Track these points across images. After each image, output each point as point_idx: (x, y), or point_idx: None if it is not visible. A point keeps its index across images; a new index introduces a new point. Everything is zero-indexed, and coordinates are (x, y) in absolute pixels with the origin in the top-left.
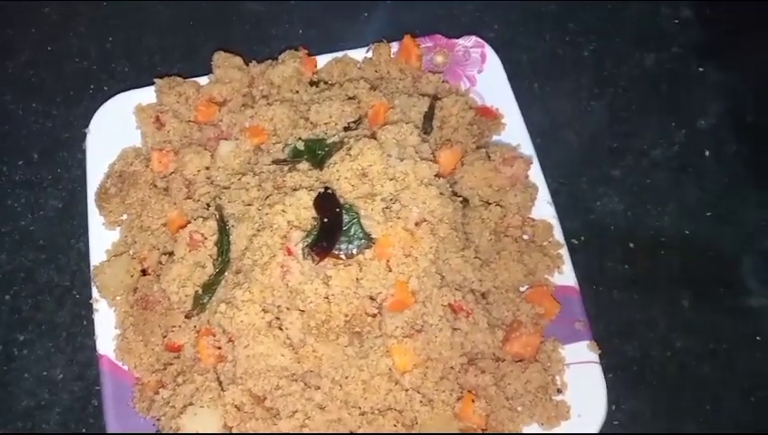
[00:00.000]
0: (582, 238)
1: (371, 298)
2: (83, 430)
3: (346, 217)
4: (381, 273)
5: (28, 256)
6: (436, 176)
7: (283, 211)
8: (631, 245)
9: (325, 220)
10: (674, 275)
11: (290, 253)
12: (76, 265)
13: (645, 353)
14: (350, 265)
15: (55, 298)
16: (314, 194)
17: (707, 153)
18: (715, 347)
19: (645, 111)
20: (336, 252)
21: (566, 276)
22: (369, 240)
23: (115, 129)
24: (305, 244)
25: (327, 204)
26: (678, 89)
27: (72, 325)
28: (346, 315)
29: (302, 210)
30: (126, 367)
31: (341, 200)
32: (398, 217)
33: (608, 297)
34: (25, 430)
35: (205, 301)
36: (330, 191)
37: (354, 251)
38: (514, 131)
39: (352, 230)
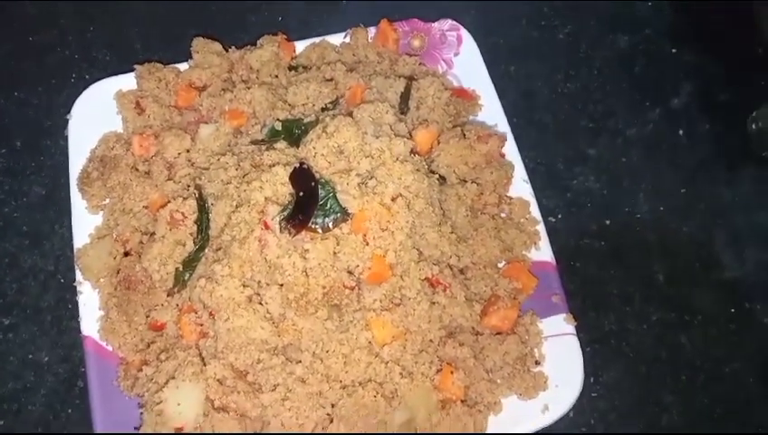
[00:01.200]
0: (559, 216)
1: (349, 272)
2: (69, 411)
3: (322, 192)
4: (358, 246)
5: (12, 241)
6: (411, 153)
7: (261, 187)
8: (607, 221)
9: (301, 194)
10: (649, 250)
11: (267, 227)
12: (60, 250)
13: (622, 327)
14: (326, 238)
15: (40, 283)
16: (290, 169)
17: (680, 132)
18: (690, 319)
19: (619, 92)
20: (312, 226)
21: (543, 252)
22: (345, 214)
23: (96, 115)
24: (282, 217)
25: (302, 178)
26: (651, 70)
27: (56, 309)
28: (324, 287)
29: (278, 186)
30: (110, 347)
31: (317, 176)
32: (375, 193)
33: (585, 273)
34: (12, 411)
35: (186, 277)
36: (305, 166)
37: (330, 224)
38: (491, 112)
39: (328, 204)
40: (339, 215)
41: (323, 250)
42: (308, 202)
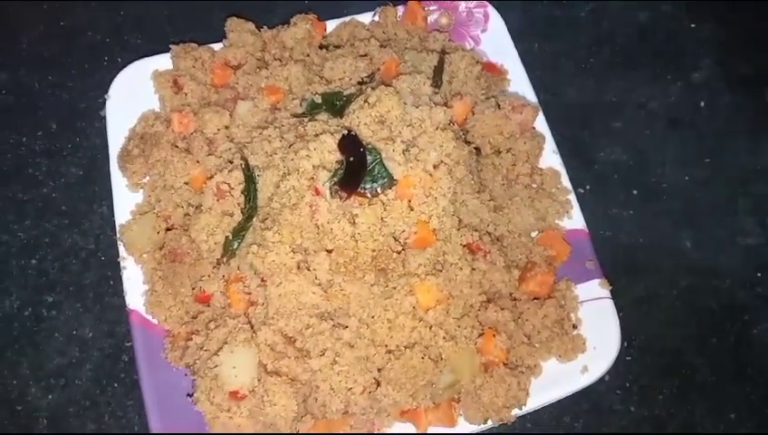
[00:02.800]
0: (587, 187)
1: (394, 238)
2: (114, 385)
3: (369, 158)
4: (404, 212)
5: (52, 221)
6: (450, 122)
7: (308, 155)
8: (634, 191)
9: (351, 159)
10: (676, 218)
11: (318, 193)
12: (99, 228)
13: (652, 293)
14: (374, 203)
15: (81, 260)
16: (338, 137)
17: (702, 104)
18: (718, 284)
19: (641, 67)
20: (361, 190)
21: (575, 220)
22: (391, 179)
23: (133, 94)
24: (332, 182)
25: (351, 144)
26: (671, 45)
27: (98, 286)
28: (373, 251)
29: (326, 154)
30: (156, 320)
31: (364, 143)
32: (417, 160)
33: (614, 242)
34: (59, 386)
35: (234, 246)
36: (353, 133)
37: (378, 189)
38: (519, 87)
39: (376, 170)
40: (386, 180)
41: (372, 215)
42: (358, 167)
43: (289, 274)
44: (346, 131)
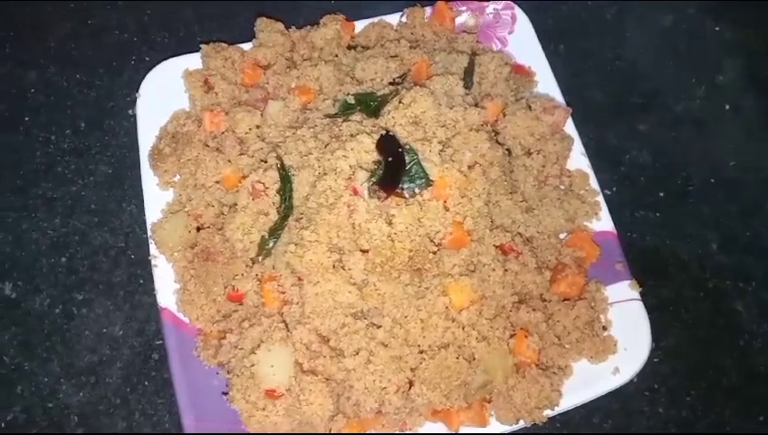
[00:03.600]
0: (614, 189)
1: (430, 239)
2: (145, 383)
3: (407, 157)
4: (440, 212)
5: (81, 219)
6: (483, 123)
7: (345, 156)
8: (661, 193)
9: (390, 159)
10: (703, 220)
11: (356, 192)
12: (129, 227)
13: (679, 295)
14: (411, 204)
15: (111, 259)
16: (375, 137)
17: (727, 107)
18: (745, 286)
19: (666, 69)
20: (400, 190)
21: (603, 222)
22: (428, 180)
23: (163, 93)
24: (370, 183)
25: (390, 144)
26: (696, 47)
27: (128, 284)
28: (410, 251)
29: (363, 154)
30: (187, 319)
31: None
32: (453, 160)
33: (641, 243)
34: (90, 383)
35: (270, 245)
36: (391, 133)
37: (416, 190)
38: (546, 89)
39: (413, 170)
40: (423, 181)
41: (409, 215)
42: (397, 166)
43: (326, 273)
44: (384, 132)
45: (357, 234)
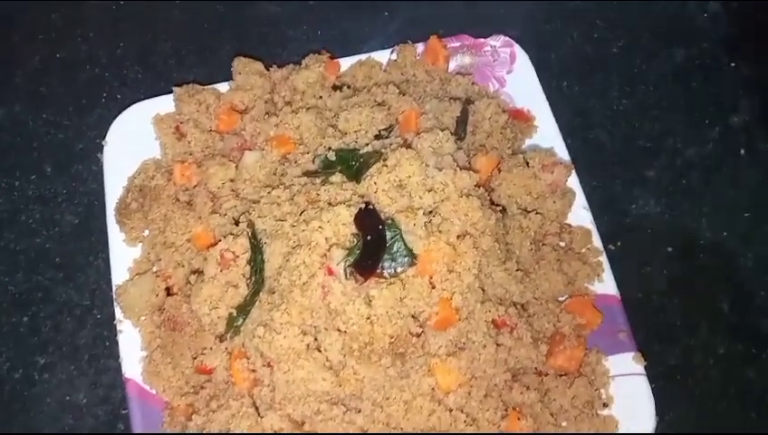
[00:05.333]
0: (619, 243)
1: (414, 317)
2: None
3: (389, 233)
4: (425, 290)
5: (45, 274)
6: (475, 186)
7: (321, 228)
8: (669, 249)
9: (368, 238)
10: (713, 278)
11: (331, 272)
12: (95, 283)
13: (687, 361)
14: (393, 283)
15: (75, 318)
16: (354, 209)
17: (742, 151)
18: (759, 352)
19: (676, 109)
20: (380, 271)
21: (606, 284)
22: (412, 258)
23: (133, 140)
24: (347, 262)
25: (369, 220)
26: (709, 85)
27: (94, 347)
28: (390, 337)
29: (340, 226)
30: (154, 391)
31: (382, 215)
32: (440, 231)
33: (646, 303)
34: None
35: (239, 323)
36: (371, 207)
37: (398, 269)
38: (547, 134)
39: (395, 247)
40: (407, 259)
41: (390, 296)
42: (376, 246)
43: (298, 359)
44: (363, 204)
45: (333, 315)
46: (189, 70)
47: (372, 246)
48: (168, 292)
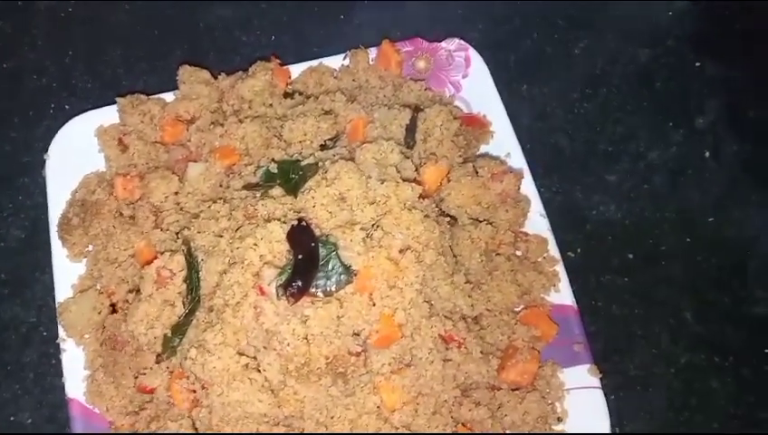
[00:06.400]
0: (578, 250)
1: (355, 334)
2: None
3: (323, 251)
4: (364, 308)
5: None
6: (420, 197)
7: (255, 245)
8: (630, 256)
9: (300, 257)
10: (676, 285)
11: (263, 293)
12: (42, 299)
13: (647, 371)
14: (329, 302)
15: (21, 336)
16: (288, 227)
17: (707, 154)
18: (722, 361)
19: (640, 112)
20: (313, 290)
21: (563, 295)
22: (348, 275)
23: (76, 153)
24: (279, 282)
25: (301, 238)
26: (674, 86)
27: (39, 365)
28: (327, 357)
29: (274, 244)
30: (97, 410)
31: (318, 231)
32: (381, 246)
33: (606, 312)
34: None
35: (175, 343)
36: (304, 223)
37: (333, 288)
38: (503, 140)
39: (330, 265)
40: (342, 276)
41: (326, 316)
42: (308, 265)
43: (233, 381)
44: (296, 220)
45: (268, 335)
46: (139, 78)
47: (304, 264)
48: (113, 307)
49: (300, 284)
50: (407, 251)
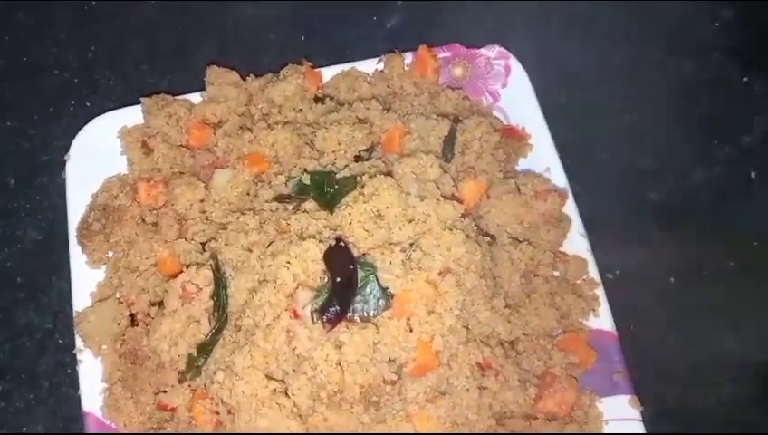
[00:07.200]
0: (617, 272)
1: (390, 360)
2: None
3: (361, 273)
4: (401, 334)
5: (4, 295)
6: (461, 216)
7: (288, 263)
8: (672, 279)
9: (338, 280)
10: (719, 312)
11: (296, 316)
12: (58, 305)
13: (688, 402)
14: (365, 328)
15: (36, 343)
16: (324, 246)
17: (753, 174)
18: (765, 391)
19: (683, 128)
20: (350, 315)
21: (602, 320)
22: (387, 299)
23: (98, 154)
24: (314, 305)
25: (339, 260)
26: (719, 101)
27: (54, 374)
28: (362, 386)
29: (309, 263)
30: (114, 425)
31: (355, 251)
32: (420, 268)
33: (646, 338)
34: None
35: (200, 363)
36: (342, 243)
37: (371, 313)
38: (543, 154)
39: (368, 288)
40: (381, 301)
41: (362, 342)
42: (346, 289)
43: (261, 407)
44: (334, 240)
45: (300, 360)
46: (163, 76)
47: (342, 288)
48: (133, 318)
49: (338, 309)
50: (447, 274)
